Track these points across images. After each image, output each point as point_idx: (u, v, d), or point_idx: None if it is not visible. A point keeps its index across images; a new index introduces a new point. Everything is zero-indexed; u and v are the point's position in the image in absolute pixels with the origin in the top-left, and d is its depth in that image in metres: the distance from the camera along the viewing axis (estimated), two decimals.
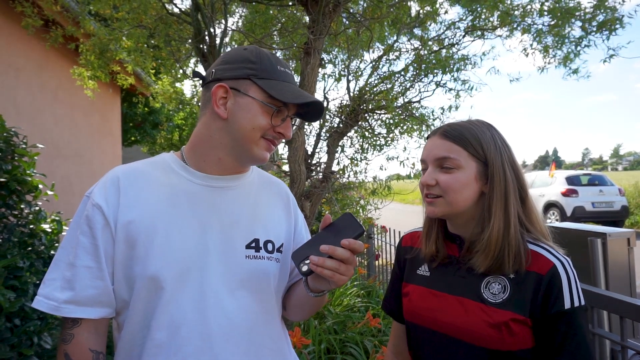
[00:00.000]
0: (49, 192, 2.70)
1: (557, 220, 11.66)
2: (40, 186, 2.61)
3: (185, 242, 0.98)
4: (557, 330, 0.95)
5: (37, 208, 2.63)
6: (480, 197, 1.06)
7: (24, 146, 2.58)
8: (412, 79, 3.45)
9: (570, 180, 11.89)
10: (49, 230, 2.57)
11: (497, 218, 1.01)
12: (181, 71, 4.52)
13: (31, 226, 2.53)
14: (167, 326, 0.94)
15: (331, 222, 0.97)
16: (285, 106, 1.03)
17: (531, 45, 3.60)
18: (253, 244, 1.04)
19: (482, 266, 1.02)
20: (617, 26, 3.01)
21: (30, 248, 2.43)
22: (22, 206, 2.51)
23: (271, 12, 4.00)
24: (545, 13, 3.36)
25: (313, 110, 1.09)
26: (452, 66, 3.44)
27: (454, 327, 1.04)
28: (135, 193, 1.00)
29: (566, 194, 11.54)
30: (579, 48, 3.41)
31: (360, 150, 3.45)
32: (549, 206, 11.95)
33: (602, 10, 3.05)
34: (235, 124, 1.02)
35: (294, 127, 1.17)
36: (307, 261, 0.91)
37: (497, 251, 1.00)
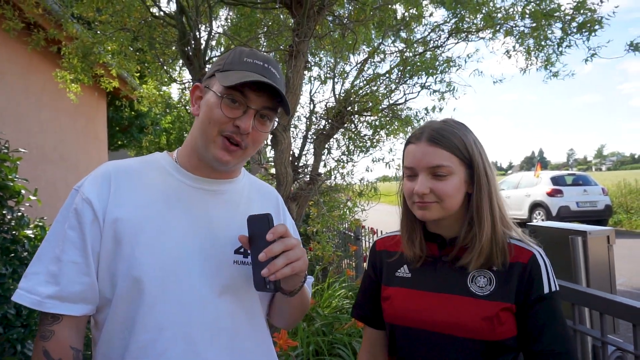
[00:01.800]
0: (32, 198, 2.66)
1: (542, 219, 11.83)
2: (23, 191, 2.57)
3: (173, 243, 0.97)
4: (539, 313, 1.02)
5: (19, 214, 2.59)
6: (465, 198, 1.10)
7: (5, 151, 2.54)
8: (396, 80, 3.48)
9: (555, 180, 12.08)
10: (32, 236, 2.54)
11: (486, 218, 1.05)
12: (167, 74, 4.49)
13: (14, 232, 2.49)
14: (152, 328, 0.93)
15: (248, 236, 0.96)
16: (244, 97, 0.96)
17: (514, 47, 3.66)
18: (242, 250, 1.03)
19: (475, 265, 1.06)
20: (597, 27, 3.07)
21: (12, 254, 2.39)
22: (4, 212, 2.47)
23: (258, 15, 4.01)
24: (527, 16, 3.41)
25: (275, 98, 1.00)
26: (436, 68, 3.48)
27: (445, 324, 1.06)
28: (126, 190, 0.98)
29: (551, 194, 11.71)
30: (560, 49, 3.47)
31: (347, 152, 3.47)
32: (535, 206, 12.11)
33: (581, 12, 3.11)
34: (200, 121, 1.02)
35: (273, 126, 1.13)
36: (267, 279, 0.90)
37: (487, 250, 1.04)
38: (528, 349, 1.03)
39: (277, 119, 1.11)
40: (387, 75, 3.49)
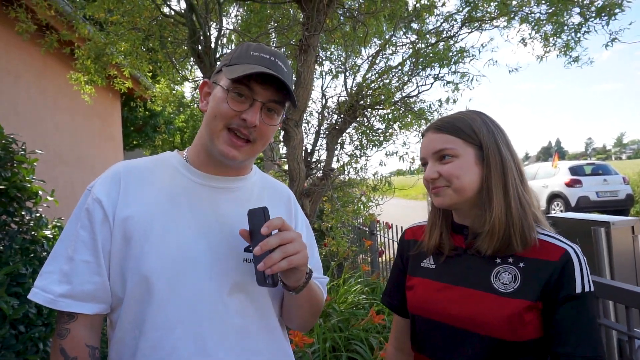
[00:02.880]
0: (49, 198, 2.70)
1: (561, 211, 11.61)
2: (40, 192, 2.61)
3: (182, 241, 0.96)
4: (567, 313, 0.96)
5: (37, 214, 2.63)
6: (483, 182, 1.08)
7: (23, 153, 2.58)
8: (409, 73, 3.42)
9: (574, 170, 11.83)
10: (51, 236, 2.58)
11: (497, 198, 1.03)
12: (179, 73, 4.51)
13: (32, 233, 2.53)
14: (161, 326, 0.93)
15: (249, 230, 0.95)
16: (250, 90, 0.96)
17: (530, 34, 3.57)
18: (251, 247, 1.02)
19: (489, 248, 1.02)
20: (617, 10, 2.97)
21: (32, 254, 2.43)
22: (22, 213, 2.51)
23: (268, 11, 3.99)
24: (543, 2, 3.33)
25: (281, 92, 0.99)
26: (450, 59, 3.41)
27: (463, 319, 1.03)
28: (136, 189, 0.99)
29: (570, 184, 11.48)
30: (578, 35, 3.38)
31: (360, 147, 3.44)
32: (553, 197, 11.89)
33: None
34: (206, 116, 1.01)
35: (280, 119, 1.10)
36: (265, 274, 0.90)
37: (502, 231, 1.01)
38: (553, 350, 0.97)
39: (285, 114, 1.09)
40: (399, 67, 3.44)
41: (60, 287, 0.92)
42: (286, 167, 3.22)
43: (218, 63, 3.03)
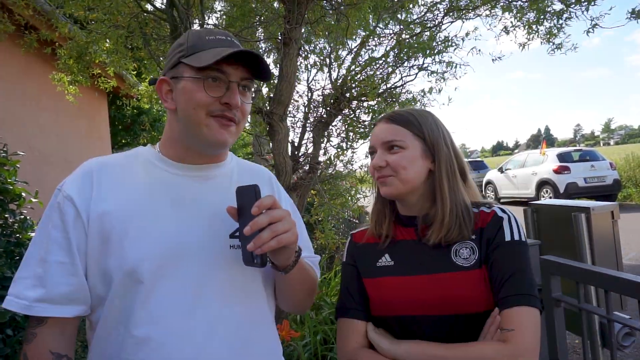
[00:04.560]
0: (33, 200, 2.67)
1: (550, 197, 11.74)
2: (24, 194, 2.58)
3: (163, 233, 0.94)
4: (498, 259, 1.04)
5: (22, 217, 2.60)
6: (429, 176, 1.15)
7: (4, 155, 2.55)
8: (392, 64, 3.42)
9: (562, 157, 11.96)
10: None
11: (444, 190, 1.11)
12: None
13: (17, 235, 2.51)
14: (147, 322, 0.91)
15: (237, 208, 0.94)
16: (222, 73, 0.96)
17: (512, 22, 3.58)
18: (237, 233, 0.99)
19: (436, 236, 1.08)
20: None
21: (17, 257, 2.41)
22: (6, 215, 2.49)
23: (254, 5, 3.95)
24: None
25: (255, 64, 0.99)
26: (433, 49, 3.41)
27: (440, 304, 1.05)
28: (110, 185, 0.96)
29: (558, 171, 11.61)
30: (560, 22, 3.39)
31: (346, 139, 3.43)
32: (542, 184, 12.02)
33: None
34: (181, 111, 1.00)
35: (252, 94, 1.10)
36: (254, 254, 0.89)
37: (450, 220, 1.08)
38: (495, 300, 1.02)
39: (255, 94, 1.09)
40: (383, 58, 3.43)
41: (34, 291, 0.89)
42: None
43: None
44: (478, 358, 0.95)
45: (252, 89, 1.06)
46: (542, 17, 3.40)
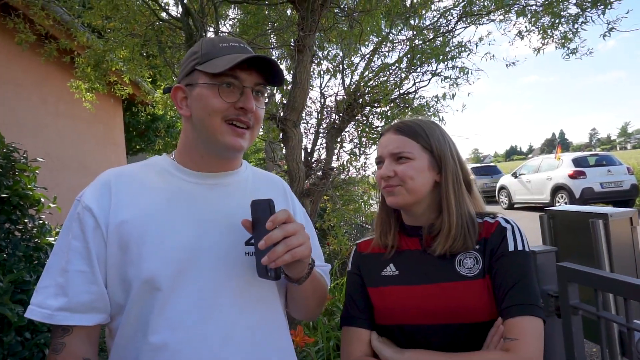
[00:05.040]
0: (52, 205, 2.72)
1: (565, 203, 11.55)
2: (43, 200, 2.63)
3: (180, 241, 0.95)
4: (501, 269, 1.05)
5: (40, 222, 2.66)
6: (435, 187, 1.15)
7: (24, 161, 2.61)
8: (406, 69, 3.42)
9: (577, 162, 11.76)
10: (54, 243, 2.60)
11: (451, 202, 1.12)
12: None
13: (36, 240, 2.56)
14: (164, 328, 0.92)
15: (252, 221, 0.95)
16: (236, 79, 0.97)
17: (526, 27, 3.56)
18: (252, 240, 1.00)
19: (442, 247, 1.08)
20: (612, 0, 2.96)
21: (36, 262, 2.46)
22: (25, 220, 2.54)
23: (267, 12, 4.00)
24: None
25: (268, 70, 1.01)
26: (447, 54, 3.41)
27: (445, 313, 1.05)
28: (128, 194, 0.98)
29: (573, 176, 11.41)
30: (576, 26, 3.36)
31: (359, 145, 3.44)
32: (557, 189, 11.82)
33: None
34: (196, 117, 1.01)
35: (265, 100, 1.11)
36: (268, 267, 0.90)
37: (456, 231, 1.08)
38: (499, 310, 1.02)
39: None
40: (396, 64, 3.43)
41: (56, 300, 0.90)
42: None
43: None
44: None
45: (266, 95, 1.08)
46: (557, 21, 3.37)
